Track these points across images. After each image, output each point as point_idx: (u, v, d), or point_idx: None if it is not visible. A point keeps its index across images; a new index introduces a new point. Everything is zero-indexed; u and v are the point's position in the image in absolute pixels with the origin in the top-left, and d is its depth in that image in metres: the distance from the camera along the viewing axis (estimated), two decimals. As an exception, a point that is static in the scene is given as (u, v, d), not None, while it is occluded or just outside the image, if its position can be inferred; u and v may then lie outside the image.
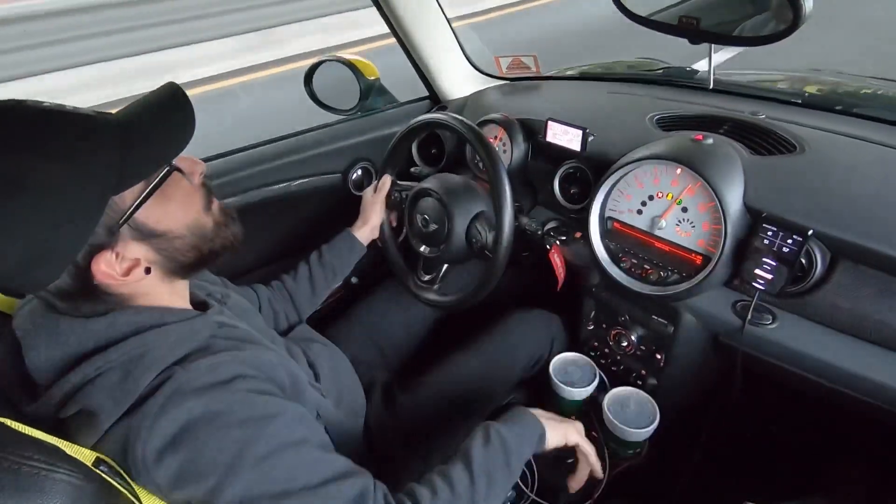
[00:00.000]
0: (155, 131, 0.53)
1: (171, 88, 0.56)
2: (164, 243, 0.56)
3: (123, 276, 0.52)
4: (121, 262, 0.52)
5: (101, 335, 0.53)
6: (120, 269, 0.52)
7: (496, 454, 0.65)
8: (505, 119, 1.11)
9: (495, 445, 0.66)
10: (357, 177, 1.25)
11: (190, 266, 0.60)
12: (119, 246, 0.52)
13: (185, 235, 0.57)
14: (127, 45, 4.23)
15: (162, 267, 0.57)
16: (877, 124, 0.99)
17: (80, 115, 0.50)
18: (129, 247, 0.53)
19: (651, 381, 0.97)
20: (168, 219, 0.55)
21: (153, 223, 0.54)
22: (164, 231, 0.55)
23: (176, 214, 0.56)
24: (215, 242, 0.61)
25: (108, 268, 0.51)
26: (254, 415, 0.53)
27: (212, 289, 0.75)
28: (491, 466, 0.64)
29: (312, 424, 0.61)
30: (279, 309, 0.95)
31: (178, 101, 0.55)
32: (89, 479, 0.44)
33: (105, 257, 0.51)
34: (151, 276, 0.56)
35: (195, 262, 0.60)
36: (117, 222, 0.51)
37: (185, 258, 0.58)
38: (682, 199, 0.86)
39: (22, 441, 0.43)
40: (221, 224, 0.62)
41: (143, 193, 0.52)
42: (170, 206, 0.55)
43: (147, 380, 0.51)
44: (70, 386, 0.51)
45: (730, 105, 1.06)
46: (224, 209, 0.63)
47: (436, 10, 1.22)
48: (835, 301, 0.76)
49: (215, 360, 0.54)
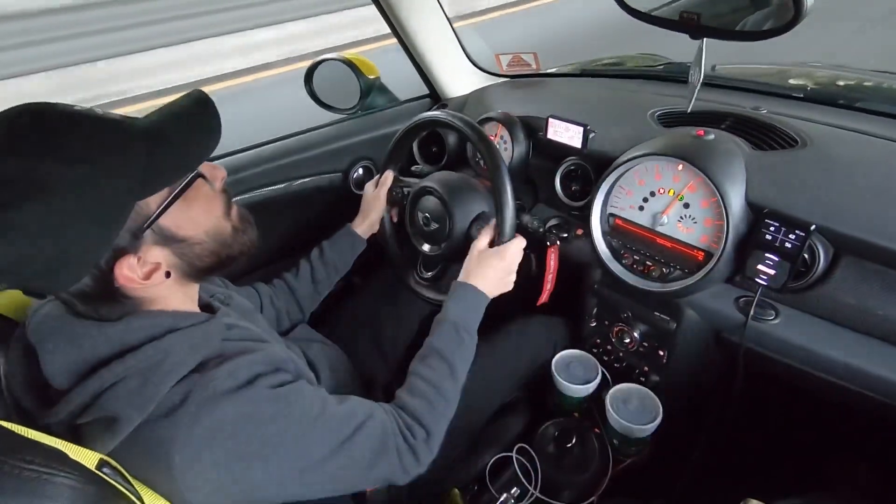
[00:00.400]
0: (180, 137, 0.54)
1: (197, 95, 0.57)
2: (185, 248, 0.57)
3: (144, 279, 0.53)
4: (142, 266, 0.53)
5: (117, 340, 0.53)
6: (141, 272, 0.53)
7: (456, 342, 0.78)
8: (505, 117, 1.11)
9: (456, 336, 0.79)
10: (358, 176, 1.25)
11: (207, 270, 0.61)
12: (142, 250, 0.53)
13: (205, 241, 0.58)
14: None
15: (181, 271, 0.58)
16: (879, 118, 0.98)
17: (108, 120, 0.51)
18: (152, 251, 0.54)
19: (653, 377, 0.97)
20: (190, 224, 0.56)
21: (175, 228, 0.55)
22: (185, 236, 0.56)
23: (198, 220, 0.57)
24: (233, 248, 0.62)
25: (130, 271, 0.52)
26: (280, 406, 0.57)
27: (215, 290, 0.75)
28: (454, 353, 0.77)
29: (319, 389, 0.66)
30: (281, 307, 0.95)
31: (203, 108, 0.56)
32: (91, 481, 0.44)
33: (128, 261, 0.52)
34: (170, 280, 0.57)
35: (212, 266, 0.61)
36: (141, 227, 0.52)
37: (204, 263, 0.59)
38: (684, 195, 0.86)
39: (23, 445, 0.43)
40: (239, 230, 0.63)
41: (167, 199, 0.53)
42: (192, 211, 0.56)
43: (167, 386, 0.52)
44: (88, 392, 0.51)
45: (731, 100, 1.06)
46: (242, 215, 0.64)
47: (436, 8, 1.22)
48: (838, 296, 0.76)
49: (233, 366, 0.56)
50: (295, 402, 0.59)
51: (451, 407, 0.76)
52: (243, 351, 0.60)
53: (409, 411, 0.71)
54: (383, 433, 0.66)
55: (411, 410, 0.71)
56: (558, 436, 0.93)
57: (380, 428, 0.66)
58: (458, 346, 0.78)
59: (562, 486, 0.89)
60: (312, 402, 0.61)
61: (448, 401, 0.75)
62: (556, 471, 0.90)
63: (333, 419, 0.62)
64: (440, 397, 0.74)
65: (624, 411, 0.89)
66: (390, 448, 0.66)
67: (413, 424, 0.70)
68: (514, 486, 0.88)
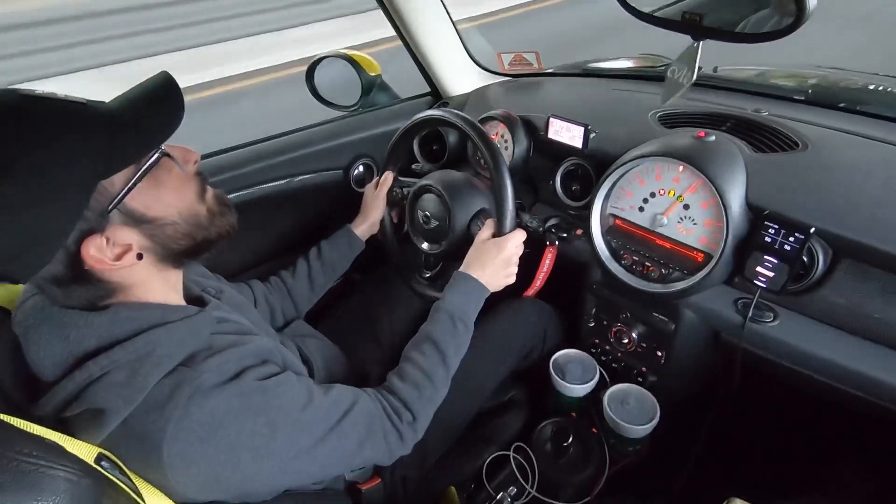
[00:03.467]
0: (143, 117, 0.54)
1: (162, 77, 0.57)
2: (156, 229, 0.56)
3: (115, 260, 0.53)
4: (112, 247, 0.53)
5: (104, 332, 0.53)
6: (111, 253, 0.53)
7: (451, 330, 0.80)
8: (506, 116, 1.11)
9: (451, 324, 0.80)
10: (358, 173, 1.25)
11: (183, 254, 0.60)
12: (109, 231, 0.52)
13: (177, 222, 0.58)
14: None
15: (154, 254, 0.57)
16: (880, 122, 0.98)
17: (69, 102, 0.51)
18: (120, 232, 0.53)
19: (651, 378, 0.97)
20: (159, 205, 0.56)
21: (144, 208, 0.54)
22: (155, 217, 0.55)
23: (168, 200, 0.57)
24: (210, 231, 0.61)
25: (98, 252, 0.51)
26: (268, 398, 0.58)
27: (206, 284, 0.75)
28: (447, 342, 0.78)
29: (304, 378, 0.67)
30: (276, 304, 0.95)
31: (167, 89, 0.56)
32: (89, 475, 0.44)
33: (95, 242, 0.51)
34: (144, 263, 0.56)
35: (188, 250, 0.60)
36: (107, 207, 0.51)
37: (178, 245, 0.59)
38: (684, 196, 0.86)
39: (21, 438, 0.43)
40: (216, 213, 0.62)
41: (132, 178, 0.53)
42: (161, 191, 0.56)
43: (155, 378, 0.52)
44: (75, 385, 0.51)
45: (732, 102, 1.06)
46: (219, 198, 0.63)
47: (438, 7, 1.22)
48: (836, 299, 0.76)
49: (221, 359, 0.57)
50: (283, 394, 0.60)
51: (440, 393, 0.77)
52: (232, 344, 0.60)
53: (397, 394, 0.74)
54: (369, 418, 0.68)
55: (399, 394, 0.74)
56: (556, 435, 0.93)
57: (366, 413, 0.68)
58: (453, 335, 0.79)
59: (559, 485, 0.89)
60: (299, 393, 0.62)
61: (437, 388, 0.76)
62: (554, 470, 0.90)
63: (320, 408, 0.63)
64: (429, 383, 0.75)
65: (621, 411, 0.89)
66: (377, 431, 0.68)
67: (400, 408, 0.72)
68: (511, 485, 0.88)
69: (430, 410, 0.76)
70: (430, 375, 0.76)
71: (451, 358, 0.79)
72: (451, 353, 0.79)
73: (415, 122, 1.00)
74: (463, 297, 0.83)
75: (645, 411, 0.90)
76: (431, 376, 0.76)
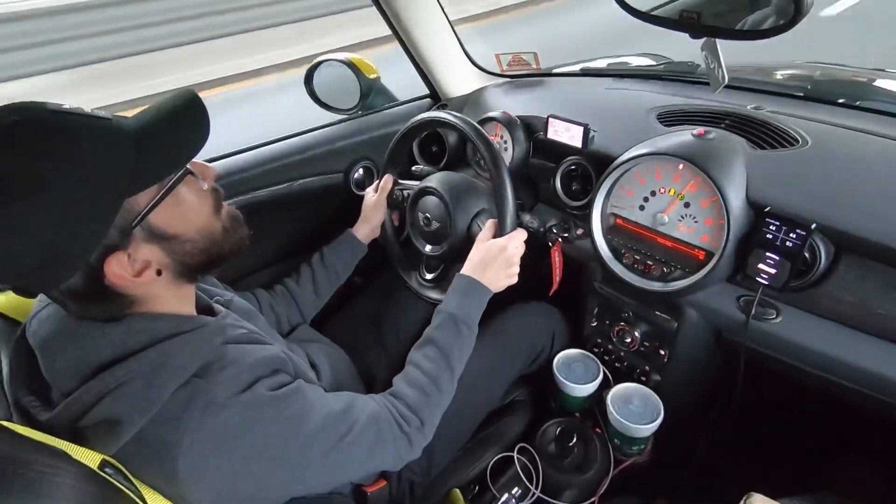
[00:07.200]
0: (169, 135, 0.54)
1: (186, 94, 0.57)
2: (176, 246, 0.57)
3: (135, 277, 0.53)
4: (133, 263, 0.53)
5: (119, 343, 0.54)
6: (132, 270, 0.53)
7: (454, 333, 0.80)
8: (506, 116, 1.11)
9: (455, 327, 0.80)
10: (359, 176, 1.25)
11: (198, 269, 0.61)
12: (131, 247, 0.53)
13: (195, 238, 0.58)
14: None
15: (172, 269, 0.58)
16: (880, 117, 0.98)
17: (97, 119, 0.51)
18: (141, 249, 0.54)
19: (655, 377, 0.97)
20: (180, 221, 0.56)
21: (165, 226, 0.55)
22: (175, 234, 0.56)
23: (188, 217, 0.57)
24: (224, 246, 0.62)
25: (120, 269, 0.52)
26: (281, 408, 0.59)
27: (215, 293, 0.76)
28: (452, 345, 0.79)
29: (315, 386, 0.68)
30: (281, 312, 0.96)
31: (192, 106, 0.56)
32: (93, 481, 0.44)
33: (118, 258, 0.52)
34: (162, 278, 0.57)
35: (204, 265, 0.61)
36: (131, 224, 0.52)
37: (195, 261, 0.59)
38: (685, 194, 0.86)
39: (26, 445, 0.43)
40: (229, 229, 0.63)
41: (156, 196, 0.53)
42: (182, 209, 0.56)
43: (170, 389, 0.53)
44: (90, 395, 0.51)
45: (732, 99, 1.06)
46: (232, 214, 0.64)
47: (435, 8, 1.22)
48: (839, 295, 0.76)
49: (234, 370, 0.58)
50: (295, 403, 0.61)
51: (446, 397, 0.78)
52: (244, 353, 0.60)
53: (404, 400, 0.74)
54: (379, 425, 0.69)
55: (406, 400, 0.74)
56: (559, 435, 0.92)
57: (375, 420, 0.69)
58: (456, 338, 0.80)
59: (563, 486, 0.89)
60: (312, 402, 0.63)
61: (443, 392, 0.77)
62: (558, 471, 0.90)
63: (331, 416, 0.64)
64: (435, 388, 0.76)
65: (625, 411, 0.89)
66: (386, 438, 0.69)
67: (407, 413, 0.73)
68: (515, 486, 0.88)
69: (438, 414, 0.76)
70: (435, 380, 0.76)
71: (455, 361, 0.79)
72: (455, 356, 0.79)
73: (414, 125, 1.00)
74: (465, 300, 0.83)
75: (648, 411, 0.89)
76: (437, 381, 0.76)
